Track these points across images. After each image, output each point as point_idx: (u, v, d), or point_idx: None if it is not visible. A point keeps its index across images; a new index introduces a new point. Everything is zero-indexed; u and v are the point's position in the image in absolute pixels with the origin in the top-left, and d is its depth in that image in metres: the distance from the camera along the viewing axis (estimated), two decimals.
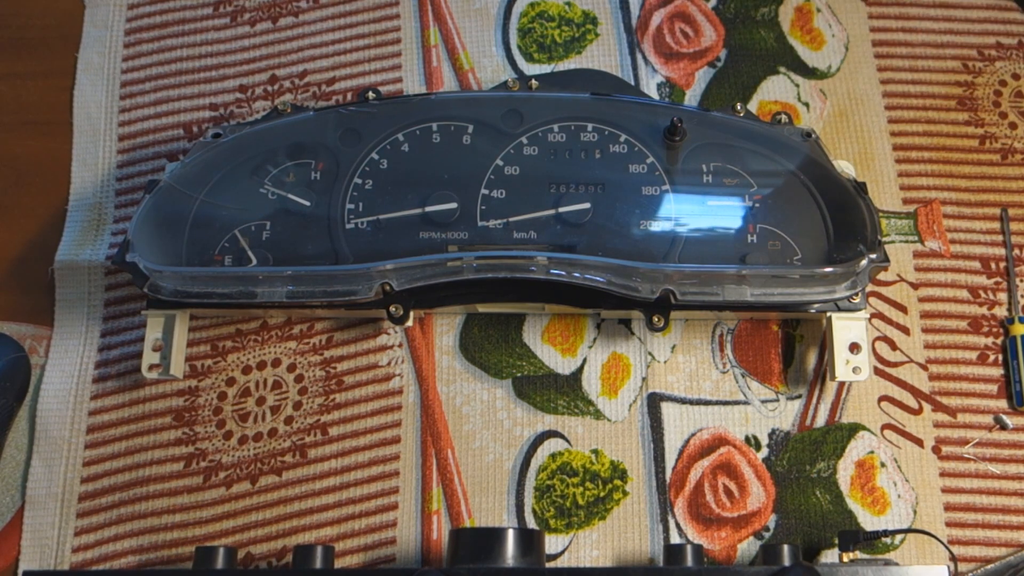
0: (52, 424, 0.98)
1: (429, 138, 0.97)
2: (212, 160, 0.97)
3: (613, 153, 0.96)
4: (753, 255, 0.91)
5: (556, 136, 0.97)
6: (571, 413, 0.96)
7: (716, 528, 0.92)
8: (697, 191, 0.94)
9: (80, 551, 0.95)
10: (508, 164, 0.96)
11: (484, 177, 0.95)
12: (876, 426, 0.94)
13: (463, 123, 0.97)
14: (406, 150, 0.97)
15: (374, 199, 0.95)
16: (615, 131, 0.96)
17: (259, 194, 0.96)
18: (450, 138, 0.97)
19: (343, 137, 0.97)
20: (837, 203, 0.92)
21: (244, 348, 1.00)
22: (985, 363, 0.96)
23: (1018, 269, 0.98)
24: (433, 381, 0.98)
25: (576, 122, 0.97)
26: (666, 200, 0.94)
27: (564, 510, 0.93)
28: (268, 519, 0.95)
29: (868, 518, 0.92)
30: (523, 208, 0.94)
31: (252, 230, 0.94)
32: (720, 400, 0.96)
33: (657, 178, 0.94)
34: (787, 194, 0.93)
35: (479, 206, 0.94)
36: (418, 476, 0.95)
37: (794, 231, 0.92)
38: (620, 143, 0.96)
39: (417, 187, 0.95)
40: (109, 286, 1.03)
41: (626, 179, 0.95)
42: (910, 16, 1.08)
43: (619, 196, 0.94)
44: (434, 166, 0.96)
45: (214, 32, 1.13)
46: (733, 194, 0.94)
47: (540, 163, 0.95)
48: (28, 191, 1.08)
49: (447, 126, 0.97)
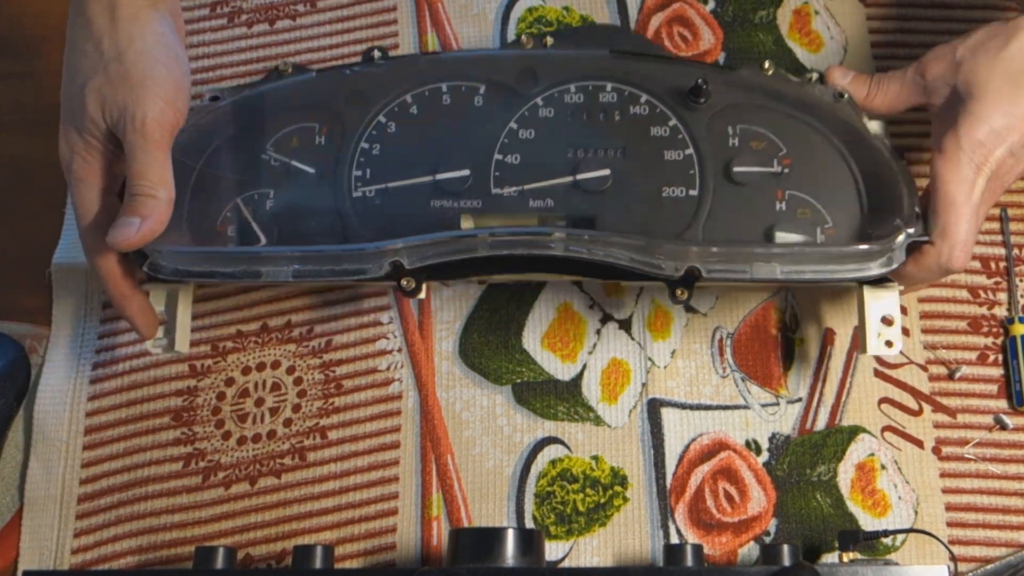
0: (50, 425, 0.98)
1: (439, 100, 0.93)
2: (210, 125, 0.92)
3: (634, 115, 0.91)
4: (782, 224, 0.88)
5: (573, 97, 0.92)
6: (571, 419, 0.96)
7: (717, 533, 0.92)
8: (723, 155, 0.90)
9: (79, 552, 0.95)
10: (522, 127, 0.91)
11: (497, 141, 0.91)
12: (876, 428, 0.95)
13: (474, 83, 0.93)
14: (415, 113, 0.92)
15: (382, 165, 0.91)
16: (636, 91, 0.92)
17: (261, 161, 0.91)
18: (461, 100, 0.92)
19: (348, 99, 0.93)
20: (872, 169, 0.89)
21: (244, 349, 1.00)
22: (985, 363, 0.96)
23: (1018, 269, 0.98)
24: (432, 386, 0.98)
25: (595, 81, 0.92)
26: (690, 165, 0.90)
27: (564, 516, 0.93)
28: (267, 521, 0.95)
29: (869, 520, 0.92)
30: (539, 174, 0.90)
31: (255, 199, 0.91)
32: (720, 405, 0.96)
33: (680, 142, 0.90)
34: (818, 159, 0.90)
35: (492, 172, 0.90)
36: (418, 482, 0.95)
37: (825, 198, 0.88)
38: (641, 104, 0.91)
39: (427, 152, 0.91)
40: None
41: (647, 143, 0.90)
42: (908, 17, 1.07)
43: (640, 161, 0.90)
44: (445, 130, 0.92)
45: (211, 33, 1.12)
46: (761, 158, 0.90)
47: (556, 126, 0.91)
48: (28, 191, 1.08)
49: (458, 87, 0.93)
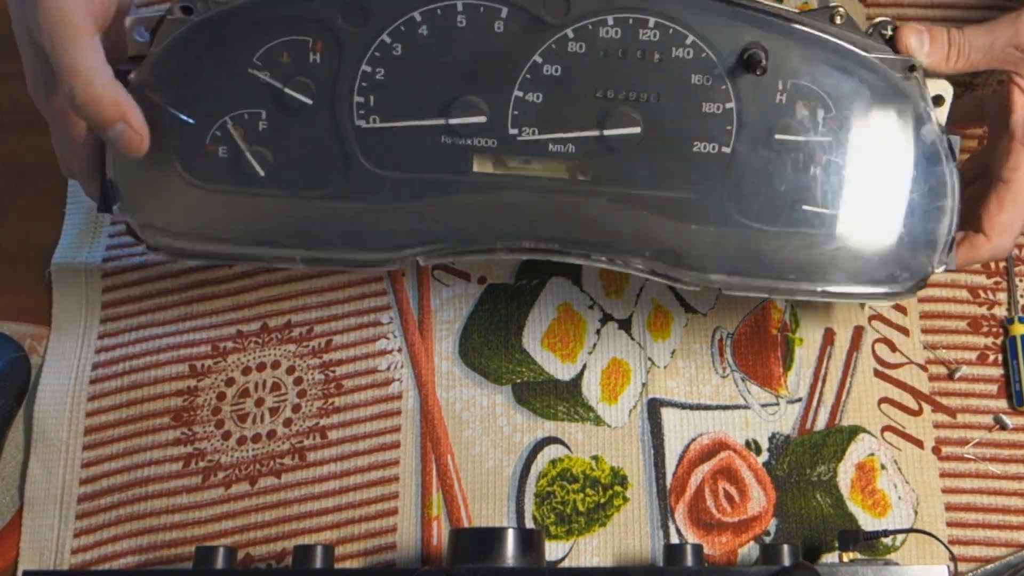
0: (50, 426, 0.98)
1: (453, 20, 0.80)
2: (184, 43, 0.81)
3: (675, 58, 0.81)
4: (812, 192, 0.82)
5: (610, 31, 0.80)
6: (571, 419, 0.96)
7: (717, 533, 0.92)
8: (767, 114, 0.82)
9: (79, 552, 0.95)
10: (548, 62, 0.81)
11: (519, 76, 0.81)
12: (876, 428, 0.94)
13: (495, 4, 0.80)
14: (425, 34, 0.80)
15: (387, 92, 0.81)
16: (681, 30, 0.80)
17: (248, 76, 0.81)
18: (479, 23, 0.80)
19: (346, 13, 0.80)
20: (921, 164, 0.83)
21: (244, 349, 1.00)
22: (985, 363, 0.96)
23: (1018, 269, 0.98)
24: (432, 386, 0.98)
25: (636, 14, 0.80)
26: (728, 120, 0.82)
27: (564, 516, 0.93)
28: (267, 521, 0.95)
29: (869, 520, 0.92)
30: (562, 117, 0.82)
31: (245, 119, 0.82)
32: (720, 405, 0.96)
33: (722, 93, 0.81)
34: (866, 133, 0.83)
35: (511, 110, 0.82)
36: (418, 482, 0.95)
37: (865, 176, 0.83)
38: (686, 46, 0.80)
39: (439, 81, 0.81)
40: (107, 288, 1.02)
41: (685, 91, 0.81)
42: (908, 17, 1.06)
43: (674, 111, 0.82)
44: (459, 56, 0.81)
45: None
46: (806, 123, 0.82)
47: (586, 64, 0.81)
48: (28, 191, 1.08)
49: (475, 6, 0.80)
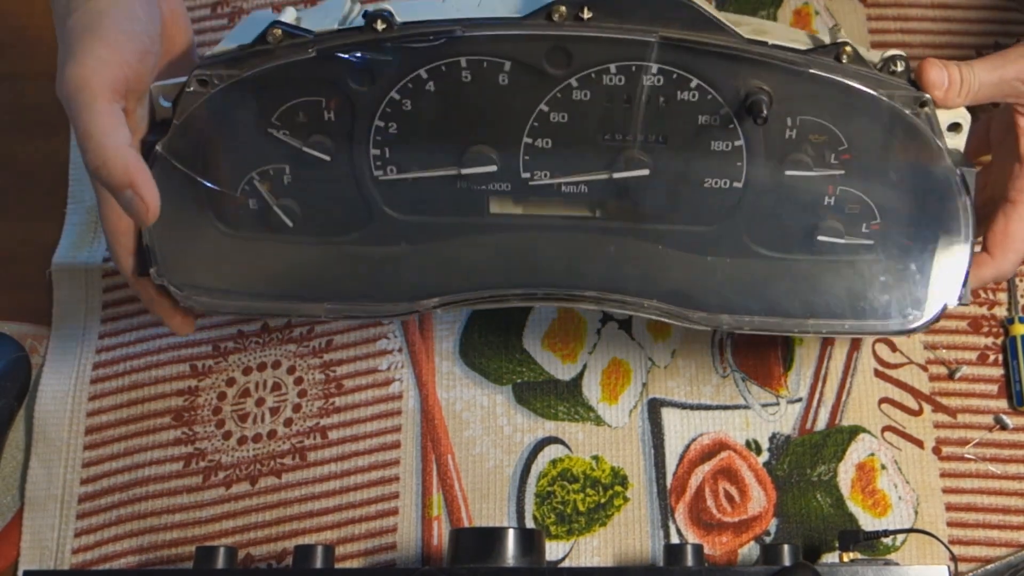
0: (50, 426, 0.98)
1: (458, 76, 0.81)
2: (203, 114, 0.82)
3: (680, 101, 0.80)
4: (827, 223, 0.83)
5: (612, 79, 0.80)
6: (571, 419, 0.96)
7: (717, 533, 0.92)
8: (777, 148, 0.82)
9: (80, 552, 0.95)
10: (554, 110, 0.81)
11: (526, 125, 0.82)
12: (876, 428, 0.94)
13: (498, 59, 0.80)
14: (432, 90, 0.81)
15: (401, 144, 0.83)
16: (685, 75, 0.79)
17: (268, 135, 0.83)
18: (484, 77, 0.81)
19: (353, 76, 0.81)
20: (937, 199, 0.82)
21: (245, 349, 1.00)
22: (985, 363, 0.96)
23: (1018, 269, 0.98)
24: (433, 386, 0.98)
25: (638, 62, 0.79)
26: (738, 157, 0.82)
27: (565, 516, 0.93)
28: (268, 521, 0.95)
29: (869, 520, 0.92)
30: (572, 160, 0.83)
31: (271, 174, 0.84)
32: (720, 405, 0.96)
33: (731, 132, 0.81)
34: (880, 170, 0.82)
35: (522, 156, 0.83)
36: (418, 481, 0.95)
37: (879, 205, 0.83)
38: (691, 90, 0.80)
39: (450, 134, 0.83)
40: (107, 288, 1.03)
41: (693, 131, 0.81)
42: (909, 17, 1.07)
43: (683, 150, 0.82)
44: (467, 109, 0.82)
45: (211, 34, 1.12)
46: (817, 156, 0.82)
47: (593, 109, 0.81)
48: (28, 191, 1.08)
49: (479, 62, 0.80)
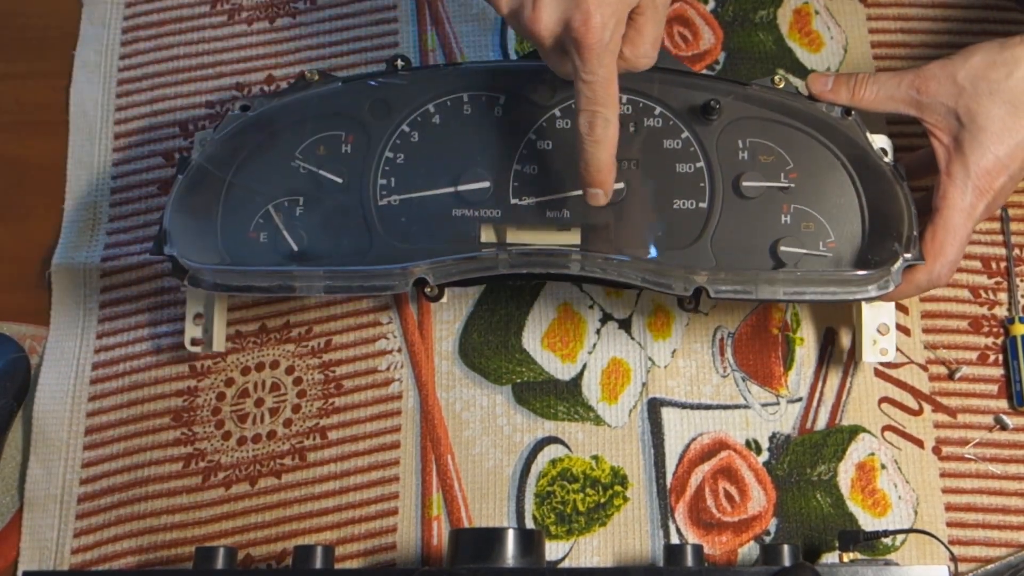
0: (50, 425, 0.98)
1: (460, 109, 0.93)
2: (241, 134, 0.93)
3: (648, 127, 0.92)
4: (787, 239, 0.89)
5: None
6: (571, 419, 0.96)
7: (717, 533, 0.92)
8: (732, 168, 0.91)
9: (80, 552, 0.95)
10: (540, 138, 0.92)
11: (516, 152, 0.92)
12: (876, 428, 0.94)
13: (495, 93, 0.93)
14: (437, 122, 0.93)
15: (406, 174, 0.92)
16: (650, 103, 0.92)
17: (290, 168, 0.92)
18: (482, 110, 0.93)
19: (372, 108, 0.94)
20: (875, 188, 0.90)
21: (244, 349, 1.00)
22: (985, 363, 0.96)
23: (1018, 269, 0.98)
24: (432, 386, 0.98)
25: None
26: (700, 178, 0.91)
27: (564, 516, 0.93)
28: (267, 521, 0.95)
29: (869, 520, 0.92)
30: (556, 184, 0.91)
31: (285, 206, 0.91)
32: (720, 404, 0.96)
33: (692, 154, 0.91)
34: (824, 175, 0.90)
35: (511, 182, 0.91)
36: (418, 481, 0.95)
37: (829, 214, 0.89)
38: (655, 117, 0.92)
39: (449, 162, 0.92)
40: (105, 287, 1.02)
41: (660, 155, 0.91)
42: (909, 17, 1.07)
43: (653, 173, 0.91)
44: (466, 140, 0.93)
45: (211, 30, 1.12)
46: (769, 173, 0.90)
47: (573, 137, 0.86)
48: (28, 191, 1.08)
49: (478, 96, 0.93)
